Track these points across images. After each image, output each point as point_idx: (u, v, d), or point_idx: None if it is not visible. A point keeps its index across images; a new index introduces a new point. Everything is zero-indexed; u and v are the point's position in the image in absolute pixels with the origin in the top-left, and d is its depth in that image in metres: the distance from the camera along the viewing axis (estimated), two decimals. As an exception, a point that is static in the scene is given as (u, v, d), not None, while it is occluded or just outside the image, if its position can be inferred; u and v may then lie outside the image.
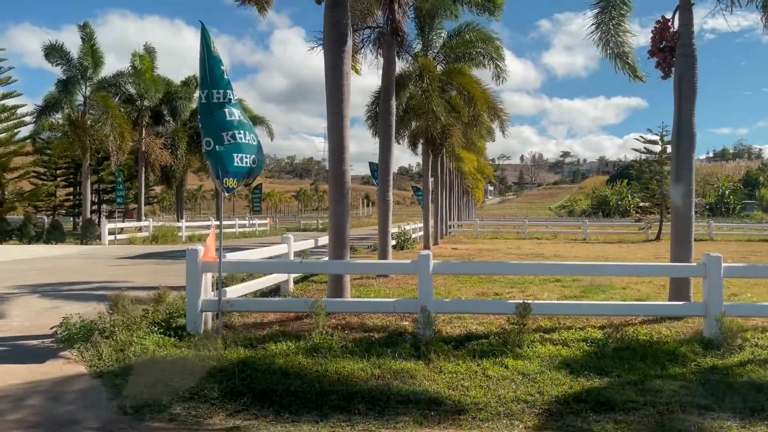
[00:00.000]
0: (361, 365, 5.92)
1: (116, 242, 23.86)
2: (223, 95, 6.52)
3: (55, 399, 5.06)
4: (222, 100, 6.51)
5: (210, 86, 6.47)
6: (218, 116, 6.48)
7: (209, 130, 6.50)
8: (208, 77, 6.46)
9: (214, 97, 6.48)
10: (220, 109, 6.49)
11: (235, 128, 6.54)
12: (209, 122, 6.50)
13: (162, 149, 28.40)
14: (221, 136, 6.48)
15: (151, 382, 5.39)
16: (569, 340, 6.91)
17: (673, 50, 8.32)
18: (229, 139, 6.50)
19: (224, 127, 6.50)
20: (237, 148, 6.56)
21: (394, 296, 9.66)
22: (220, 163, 6.50)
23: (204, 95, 6.50)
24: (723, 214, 78.89)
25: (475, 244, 26.36)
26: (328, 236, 8.89)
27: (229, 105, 6.58)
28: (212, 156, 6.51)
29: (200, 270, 7.14)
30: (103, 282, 11.81)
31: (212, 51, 6.47)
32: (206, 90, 6.48)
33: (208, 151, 6.53)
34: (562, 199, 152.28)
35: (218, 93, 6.48)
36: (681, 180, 8.32)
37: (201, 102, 6.56)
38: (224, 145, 6.48)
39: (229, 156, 6.52)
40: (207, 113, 6.49)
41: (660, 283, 10.97)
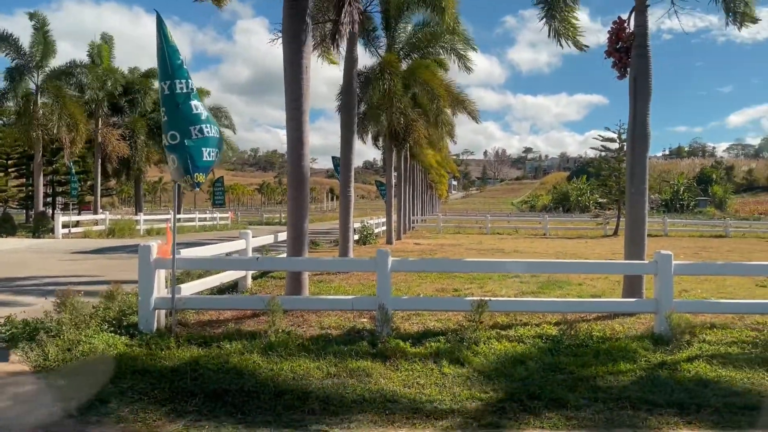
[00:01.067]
0: (317, 364, 5.87)
1: (70, 236, 23.18)
2: (186, 85, 6.32)
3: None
4: (186, 91, 6.31)
5: (172, 77, 6.26)
6: (184, 109, 6.28)
7: (175, 123, 6.30)
8: (169, 68, 6.26)
9: (178, 88, 6.27)
10: (185, 101, 6.29)
11: (202, 122, 6.37)
12: (175, 115, 6.29)
13: (120, 140, 27.67)
14: (189, 130, 6.29)
15: (98, 382, 5.24)
16: (525, 336, 6.98)
17: (629, 51, 8.46)
18: (197, 133, 6.33)
19: (191, 120, 6.31)
20: (205, 142, 6.40)
21: (354, 293, 9.63)
22: (189, 157, 6.32)
23: (167, 86, 6.29)
24: (678, 211, 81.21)
25: (437, 239, 26.50)
26: (286, 232, 8.78)
27: (193, 97, 6.40)
28: (179, 150, 6.31)
29: (153, 266, 6.96)
30: (54, 277, 11.46)
31: (170, 41, 6.27)
32: (168, 81, 6.27)
33: (173, 145, 6.32)
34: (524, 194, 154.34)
35: (181, 83, 6.28)
36: (635, 179, 8.48)
37: (164, 94, 6.34)
38: (193, 140, 6.31)
39: (198, 150, 6.35)
40: (172, 106, 6.28)
41: (615, 279, 11.19)
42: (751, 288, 10.94)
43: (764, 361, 6.09)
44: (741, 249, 22.61)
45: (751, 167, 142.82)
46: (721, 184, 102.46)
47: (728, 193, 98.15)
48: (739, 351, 6.56)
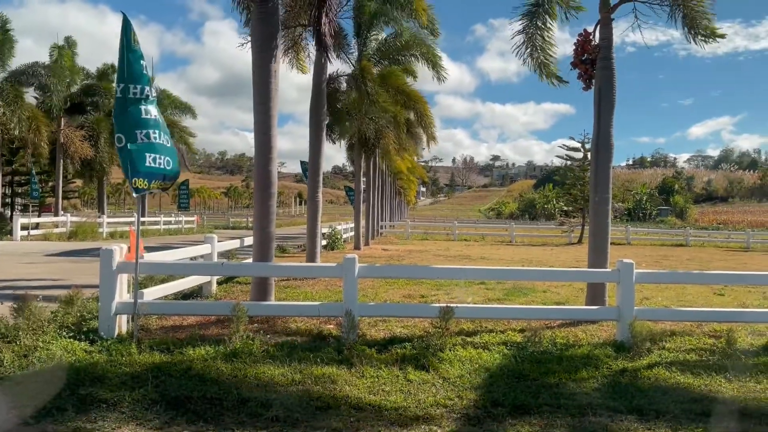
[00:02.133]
0: (281, 370, 5.81)
1: (30, 238, 22.53)
2: (140, 91, 6.22)
3: (-55, 410, 4.69)
4: (139, 96, 6.21)
5: (127, 80, 6.16)
6: (133, 113, 6.17)
7: (122, 126, 6.19)
8: (126, 71, 6.16)
9: (131, 92, 6.17)
10: (135, 105, 6.20)
11: (150, 127, 6.26)
12: (123, 118, 6.18)
13: (83, 141, 27.04)
14: (134, 133, 6.18)
15: (55, 389, 5.10)
16: (490, 343, 7.04)
17: (594, 63, 8.64)
18: (142, 138, 6.22)
19: (138, 124, 6.20)
20: (150, 147, 6.27)
21: (321, 299, 9.57)
22: (130, 161, 6.21)
23: (120, 89, 6.18)
24: (640, 219, 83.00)
25: (405, 245, 26.56)
26: (253, 238, 8.70)
27: (146, 102, 6.29)
28: (123, 153, 6.20)
29: (115, 271, 6.82)
30: (10, 281, 11.12)
31: (132, 44, 6.16)
32: (122, 84, 6.17)
33: (120, 148, 6.21)
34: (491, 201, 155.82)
35: (135, 88, 6.18)
36: (599, 189, 8.64)
37: (116, 96, 6.24)
38: (137, 144, 6.19)
39: (140, 155, 6.22)
40: (122, 108, 6.18)
41: (579, 287, 11.36)
42: (709, 296, 11.23)
43: (721, 368, 6.25)
44: (700, 258, 23.21)
45: (710, 178, 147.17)
46: (682, 194, 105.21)
47: (689, 203, 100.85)
48: (698, 358, 6.73)
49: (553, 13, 9.07)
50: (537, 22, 8.94)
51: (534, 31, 8.98)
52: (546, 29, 9.00)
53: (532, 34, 9.01)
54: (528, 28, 9.07)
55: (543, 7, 8.90)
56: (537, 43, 9.12)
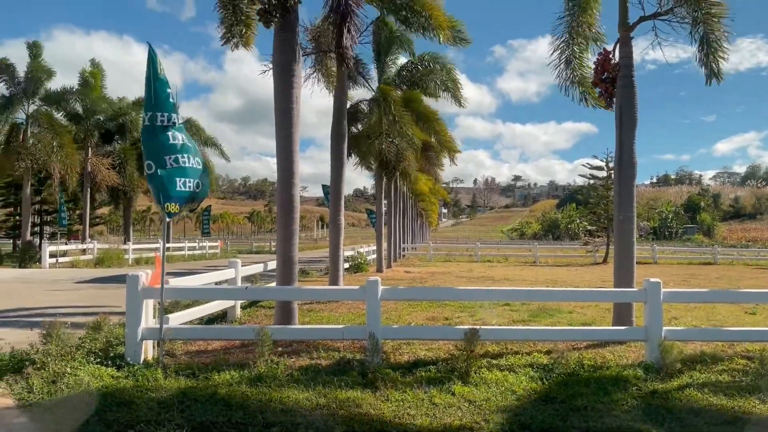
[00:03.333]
0: (306, 395, 5.80)
1: (58, 265, 22.91)
2: (168, 118, 6.38)
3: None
4: (166, 124, 6.36)
5: (154, 108, 6.32)
6: (161, 139, 6.32)
7: (151, 153, 6.34)
8: (153, 99, 6.32)
9: (158, 120, 6.33)
10: (163, 132, 6.34)
11: (178, 151, 6.40)
12: (151, 145, 6.34)
13: (109, 169, 27.60)
14: (164, 159, 6.32)
15: (83, 415, 5.15)
16: (516, 365, 6.95)
17: (615, 81, 8.62)
18: (171, 163, 6.35)
19: (167, 150, 6.35)
20: (180, 172, 6.41)
21: (344, 321, 9.57)
22: (161, 187, 6.34)
23: (147, 117, 6.35)
24: (666, 238, 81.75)
25: (427, 267, 26.46)
26: (276, 262, 8.75)
27: (173, 128, 6.43)
28: (154, 180, 6.34)
29: (141, 296, 6.90)
30: (40, 308, 11.31)
31: (159, 73, 6.33)
32: (150, 112, 6.33)
33: (150, 175, 6.36)
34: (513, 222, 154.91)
35: (162, 116, 6.34)
36: (623, 207, 8.55)
37: (144, 124, 6.40)
38: (166, 169, 6.33)
39: (171, 180, 6.36)
40: (150, 136, 6.33)
41: (605, 307, 11.19)
42: (740, 315, 10.97)
43: (755, 389, 6.09)
44: (729, 276, 22.73)
45: (737, 195, 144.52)
46: (709, 212, 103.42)
47: (716, 220, 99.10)
48: (730, 379, 6.56)
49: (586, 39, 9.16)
50: (573, 46, 9.02)
51: (570, 52, 9.07)
52: (580, 52, 9.08)
53: (569, 54, 9.09)
54: (564, 48, 9.15)
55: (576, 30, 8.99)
56: (573, 63, 9.19)
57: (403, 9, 11.93)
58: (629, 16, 8.62)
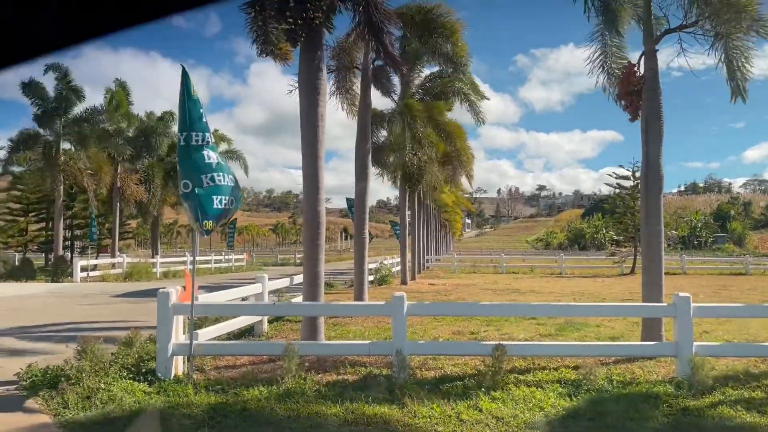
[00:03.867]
0: (334, 410, 5.84)
1: (88, 279, 23.39)
2: (202, 138, 6.56)
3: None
4: (200, 143, 6.54)
5: (189, 128, 6.51)
6: (197, 159, 6.50)
7: (188, 172, 6.52)
8: (188, 120, 6.50)
9: (193, 140, 6.51)
10: (198, 151, 6.52)
11: (213, 170, 6.57)
12: (188, 165, 6.52)
13: (137, 185, 28.17)
14: (200, 178, 6.50)
15: (116, 431, 5.27)
16: (543, 381, 6.90)
17: (640, 93, 8.57)
18: (208, 182, 6.52)
19: (203, 169, 6.53)
20: (216, 190, 6.59)
21: (370, 336, 9.60)
22: (199, 205, 6.51)
23: (183, 138, 6.53)
24: (695, 247, 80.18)
25: (452, 279, 26.38)
26: (302, 276, 8.84)
27: (207, 147, 6.61)
28: (191, 198, 6.50)
29: (171, 313, 7.03)
30: (74, 323, 11.55)
31: (192, 94, 6.51)
32: (185, 132, 6.51)
33: (186, 194, 6.52)
34: (538, 232, 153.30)
35: (197, 135, 6.52)
36: (650, 220, 8.48)
37: (179, 144, 6.59)
38: (204, 188, 6.50)
39: (208, 198, 6.53)
40: (185, 156, 6.51)
41: (633, 321, 11.05)
42: (774, 328, 10.74)
43: (790, 406, 5.97)
44: (762, 287, 22.24)
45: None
46: (739, 220, 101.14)
47: (747, 229, 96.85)
48: (764, 395, 6.44)
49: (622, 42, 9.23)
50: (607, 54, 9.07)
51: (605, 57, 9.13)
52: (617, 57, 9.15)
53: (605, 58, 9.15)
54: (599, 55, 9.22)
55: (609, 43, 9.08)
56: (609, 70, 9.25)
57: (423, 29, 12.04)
58: (654, 29, 8.59)
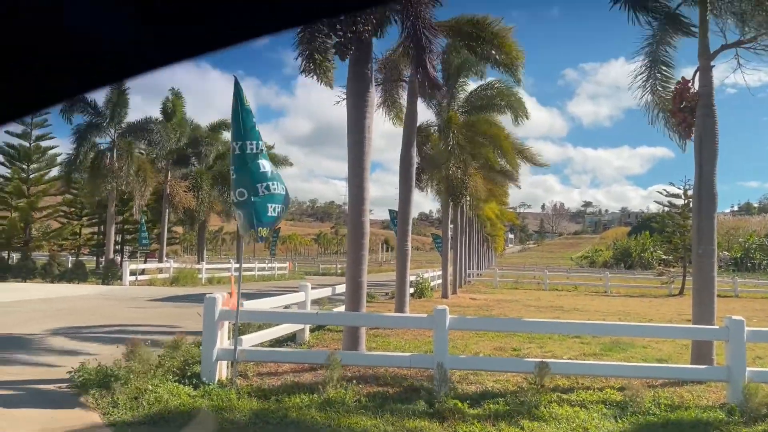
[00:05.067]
0: (374, 422, 5.85)
1: (137, 283, 24.04)
2: (256, 146, 6.75)
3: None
4: (255, 152, 6.73)
5: (244, 138, 6.69)
6: (252, 168, 6.68)
7: (244, 181, 6.71)
8: (242, 129, 6.69)
9: (248, 149, 6.69)
10: (254, 160, 6.71)
11: (268, 179, 6.75)
12: (244, 173, 6.71)
13: (186, 192, 28.91)
14: (256, 187, 6.67)
15: (163, 433, 5.39)
16: (587, 401, 6.76)
17: (694, 110, 8.37)
18: (263, 190, 6.69)
19: (259, 178, 6.71)
20: (271, 198, 6.76)
21: (410, 348, 9.58)
22: (255, 213, 6.68)
23: (238, 147, 6.72)
24: (749, 270, 77.20)
25: (493, 294, 26.08)
26: (345, 286, 8.91)
27: (261, 156, 6.78)
28: (246, 206, 6.68)
29: (217, 318, 7.18)
30: (122, 325, 11.89)
31: (245, 104, 6.71)
32: (240, 141, 6.70)
33: (242, 202, 6.70)
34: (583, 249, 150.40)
35: (251, 144, 6.70)
36: (702, 241, 8.23)
37: (234, 153, 6.78)
38: (259, 196, 6.67)
39: (263, 207, 6.70)
40: (241, 165, 6.70)
41: (682, 343, 10.72)
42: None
43: None
44: (820, 313, 21.26)
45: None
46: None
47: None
48: (822, 427, 6.15)
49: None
50: (656, 70, 8.92)
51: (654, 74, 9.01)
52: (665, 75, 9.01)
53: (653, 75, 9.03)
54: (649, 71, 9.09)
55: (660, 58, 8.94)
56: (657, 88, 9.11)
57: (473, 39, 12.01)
58: (710, 44, 8.38)
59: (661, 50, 8.85)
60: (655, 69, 9.10)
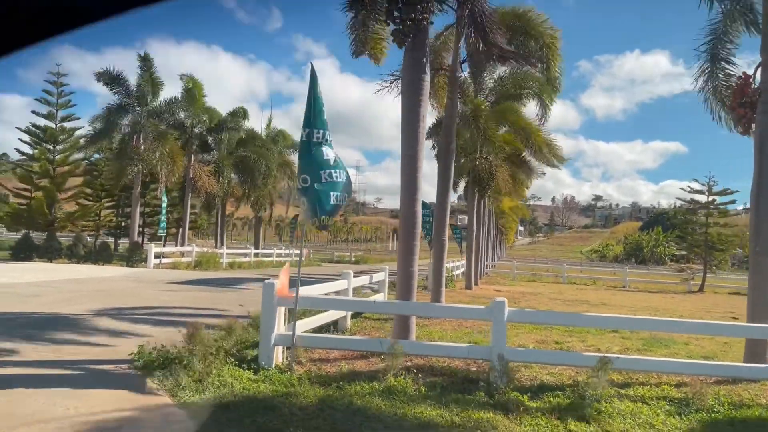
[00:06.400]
0: (439, 411, 5.85)
1: (161, 266, 24.15)
2: (322, 135, 6.72)
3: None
4: (320, 140, 6.71)
5: (312, 125, 6.68)
6: (316, 155, 6.66)
7: (308, 167, 6.69)
8: (312, 117, 6.67)
9: (314, 137, 6.68)
10: (318, 147, 6.68)
11: (331, 167, 6.73)
12: (308, 160, 6.70)
13: (209, 176, 28.96)
14: (319, 174, 6.65)
15: (237, 417, 5.41)
16: (647, 397, 6.73)
17: (754, 106, 8.25)
18: (326, 178, 6.67)
19: (322, 165, 6.69)
20: (332, 186, 6.74)
21: (452, 338, 9.59)
22: (317, 200, 6.66)
23: (305, 133, 6.72)
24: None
25: (514, 287, 26.06)
26: (397, 276, 8.90)
27: (325, 144, 6.76)
28: (309, 193, 6.67)
29: (275, 304, 7.19)
30: (161, 307, 11.94)
31: (318, 93, 6.68)
32: (308, 129, 6.69)
33: (305, 188, 6.69)
34: (593, 243, 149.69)
35: (318, 132, 6.68)
36: (761, 238, 8.13)
37: (301, 140, 6.78)
38: (322, 183, 6.64)
39: (326, 194, 6.68)
40: (306, 151, 6.69)
41: (722, 341, 10.69)
42: None
43: None
44: None
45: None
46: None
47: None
48: None
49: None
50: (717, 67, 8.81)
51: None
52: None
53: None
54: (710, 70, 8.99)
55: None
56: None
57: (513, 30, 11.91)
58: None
59: (723, 43, 8.72)
60: (715, 64, 8.98)
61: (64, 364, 6.96)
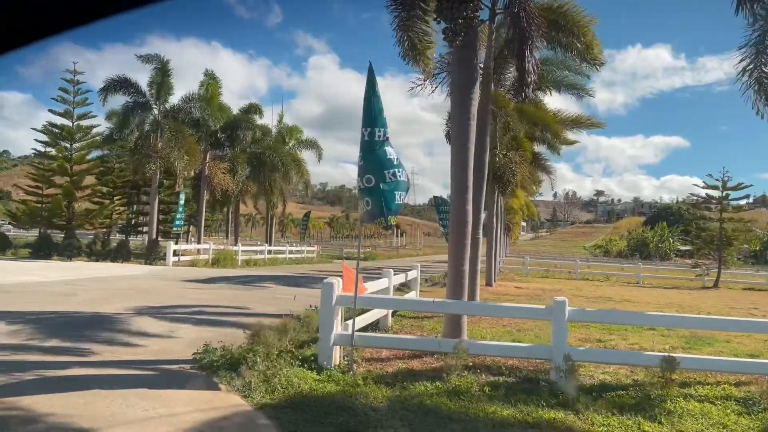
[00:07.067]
0: (509, 411, 5.84)
1: (179, 263, 24.12)
2: (383, 134, 6.65)
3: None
4: (382, 139, 6.64)
5: (373, 124, 6.61)
6: (380, 154, 6.60)
7: (371, 167, 6.63)
8: (372, 116, 6.61)
9: (376, 135, 6.62)
10: (381, 147, 6.62)
11: (394, 167, 6.67)
12: (371, 159, 6.63)
13: (224, 174, 28.90)
14: (384, 174, 6.60)
15: (312, 418, 5.39)
16: (712, 397, 6.71)
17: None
18: (390, 177, 6.62)
19: (386, 165, 6.63)
20: (397, 185, 6.69)
21: (496, 337, 9.57)
22: (384, 200, 6.62)
23: (367, 133, 6.64)
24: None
25: (531, 283, 26.02)
26: (448, 275, 8.88)
27: (387, 144, 6.70)
28: (375, 193, 6.61)
29: (334, 304, 7.17)
30: (195, 306, 11.90)
31: (376, 91, 6.62)
32: (369, 128, 6.62)
33: (370, 188, 6.63)
34: (596, 238, 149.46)
35: (379, 131, 6.62)
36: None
37: (363, 139, 6.71)
38: (387, 183, 6.60)
39: (391, 194, 6.64)
40: (370, 151, 6.62)
41: (760, 338, 10.68)
42: None
43: None
44: None
45: None
46: None
47: None
48: None
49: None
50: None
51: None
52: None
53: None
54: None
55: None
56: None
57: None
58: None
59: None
60: (758, 58, 8.94)
61: (127, 364, 6.95)
